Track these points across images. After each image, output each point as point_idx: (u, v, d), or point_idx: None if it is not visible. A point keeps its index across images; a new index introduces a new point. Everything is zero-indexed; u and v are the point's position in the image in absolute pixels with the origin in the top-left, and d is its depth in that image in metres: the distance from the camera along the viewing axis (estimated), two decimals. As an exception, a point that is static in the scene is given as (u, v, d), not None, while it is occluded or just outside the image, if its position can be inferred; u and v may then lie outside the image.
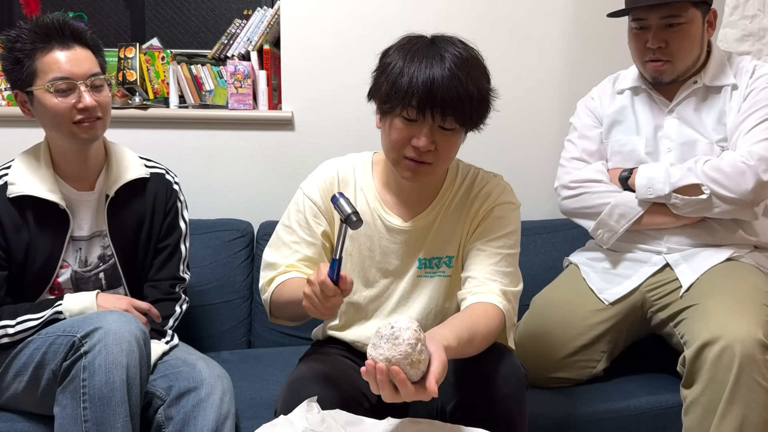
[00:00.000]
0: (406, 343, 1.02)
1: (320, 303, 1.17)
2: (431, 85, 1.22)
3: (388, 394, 1.04)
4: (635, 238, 1.81)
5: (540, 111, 2.39)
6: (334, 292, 1.15)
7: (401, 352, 1.02)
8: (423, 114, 1.24)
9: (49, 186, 1.54)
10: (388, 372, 1.03)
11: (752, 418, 1.46)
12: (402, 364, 1.03)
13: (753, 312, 1.53)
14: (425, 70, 1.23)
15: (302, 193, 1.46)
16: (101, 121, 1.53)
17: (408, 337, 1.03)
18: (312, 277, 1.17)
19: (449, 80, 1.22)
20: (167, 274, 1.69)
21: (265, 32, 2.27)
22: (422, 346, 1.04)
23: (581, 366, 1.77)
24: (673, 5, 1.66)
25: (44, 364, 1.41)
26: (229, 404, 1.46)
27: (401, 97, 1.24)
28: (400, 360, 1.02)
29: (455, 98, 1.23)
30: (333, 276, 1.15)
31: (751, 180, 1.63)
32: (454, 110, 1.24)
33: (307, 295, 1.18)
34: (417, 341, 1.03)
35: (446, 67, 1.23)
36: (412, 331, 1.03)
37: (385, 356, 1.03)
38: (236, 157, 2.28)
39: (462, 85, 1.23)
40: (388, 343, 1.03)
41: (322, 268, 1.16)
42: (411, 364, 1.03)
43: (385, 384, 1.04)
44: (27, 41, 1.47)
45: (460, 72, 1.23)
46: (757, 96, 1.70)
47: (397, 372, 1.02)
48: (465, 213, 1.43)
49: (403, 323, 1.05)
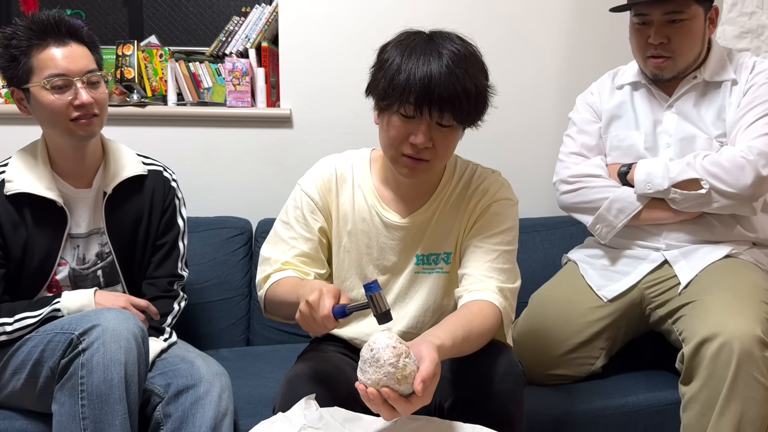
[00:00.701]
0: (388, 364, 1.03)
1: (315, 325, 1.18)
2: (429, 82, 1.22)
3: (386, 414, 1.06)
4: (634, 234, 1.81)
5: (538, 107, 2.39)
6: (333, 326, 1.17)
7: (385, 373, 1.03)
8: (420, 111, 1.24)
9: (46, 183, 1.54)
10: (380, 395, 1.04)
11: (750, 414, 1.46)
12: (390, 384, 1.04)
13: (751, 309, 1.53)
14: (423, 67, 1.22)
15: (300, 189, 1.46)
16: (98, 117, 1.53)
17: (388, 357, 1.03)
18: (312, 299, 1.16)
19: (447, 77, 1.22)
20: (165, 272, 1.69)
21: (264, 29, 2.27)
22: (405, 359, 1.05)
23: (580, 363, 1.77)
24: (676, 2, 1.65)
25: (42, 361, 1.41)
26: (227, 401, 1.46)
27: (399, 94, 1.24)
28: (387, 381, 1.04)
29: (452, 95, 1.23)
30: (338, 315, 1.15)
31: (751, 175, 1.63)
32: (452, 107, 1.24)
33: (303, 314, 1.18)
34: (398, 357, 1.04)
35: (444, 64, 1.23)
36: (391, 349, 1.04)
37: (372, 380, 1.05)
38: (234, 155, 2.27)
39: (459, 82, 1.23)
40: (372, 367, 1.05)
41: (326, 299, 1.15)
42: (398, 381, 1.04)
43: (381, 406, 1.05)
44: (23, 38, 1.47)
45: (457, 69, 1.23)
46: (756, 91, 1.70)
47: (388, 393, 1.04)
48: (463, 209, 1.43)
49: (381, 343, 1.05)
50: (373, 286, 1.17)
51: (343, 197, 1.45)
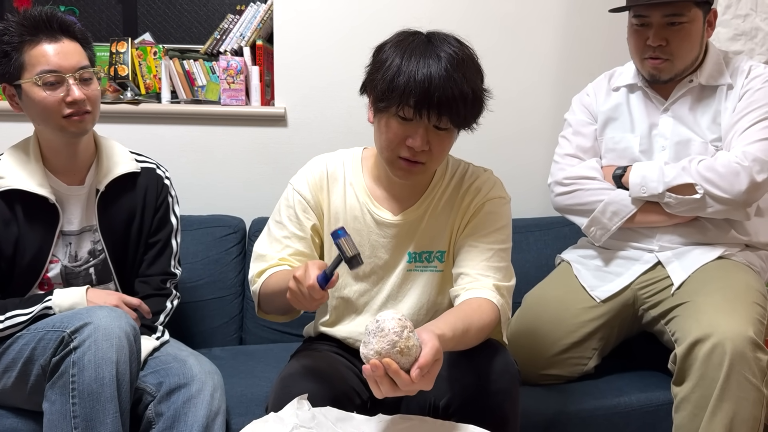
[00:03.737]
0: (392, 332, 1.04)
1: (304, 300, 1.18)
2: (428, 86, 1.22)
3: (387, 387, 1.05)
4: (627, 236, 1.81)
5: (533, 108, 2.39)
6: (321, 296, 1.17)
7: (388, 341, 1.04)
8: (420, 114, 1.24)
9: (38, 180, 1.53)
10: (382, 366, 1.03)
11: (742, 415, 1.47)
12: (392, 354, 1.04)
13: (744, 310, 1.54)
14: (422, 70, 1.22)
15: (292, 188, 1.46)
16: (90, 114, 1.52)
17: (393, 326, 1.04)
18: (298, 274, 1.17)
19: (446, 81, 1.22)
20: (158, 270, 1.68)
21: (258, 28, 2.26)
22: (409, 332, 1.05)
23: (572, 363, 1.77)
24: (676, 4, 1.65)
25: (33, 359, 1.40)
26: (219, 400, 1.45)
27: (398, 97, 1.24)
28: (389, 350, 1.04)
29: (451, 99, 1.23)
30: (322, 283, 1.16)
31: (745, 181, 1.63)
32: (450, 111, 1.24)
33: (292, 290, 1.19)
34: (402, 328, 1.05)
35: (442, 68, 1.22)
36: (396, 321, 1.05)
37: (375, 350, 1.05)
38: (228, 153, 2.27)
39: (458, 86, 1.23)
40: (376, 337, 1.05)
41: (311, 270, 1.16)
42: (400, 352, 1.04)
43: (383, 378, 1.04)
44: (15, 34, 1.46)
45: (456, 73, 1.23)
46: (752, 97, 1.70)
47: (389, 363, 1.03)
48: (456, 208, 1.43)
49: (387, 315, 1.07)
50: (340, 232, 1.18)
51: (335, 195, 1.45)
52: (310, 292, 1.15)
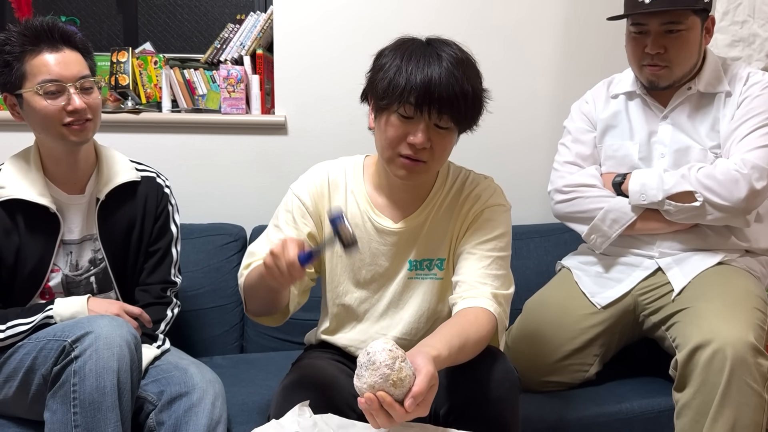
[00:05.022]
0: (384, 365, 1.04)
1: (280, 276, 1.17)
2: (429, 82, 1.23)
3: (383, 420, 1.06)
4: (628, 243, 1.81)
5: (533, 116, 2.39)
6: (299, 273, 1.17)
7: (381, 375, 1.04)
8: (420, 111, 1.25)
9: (39, 189, 1.54)
10: (377, 400, 1.04)
11: (743, 421, 1.47)
12: (385, 387, 1.04)
13: (744, 315, 1.54)
14: (423, 68, 1.24)
15: (292, 193, 1.46)
16: (91, 123, 1.53)
17: (384, 359, 1.04)
18: (276, 249, 1.16)
19: (447, 78, 1.24)
20: (158, 278, 1.68)
21: (258, 37, 2.27)
22: (401, 363, 1.05)
23: (574, 370, 1.77)
24: (674, 12, 1.66)
25: (35, 368, 1.40)
26: (221, 409, 1.45)
27: (399, 94, 1.25)
28: (383, 384, 1.04)
29: (452, 96, 1.24)
30: (303, 260, 1.15)
31: (744, 188, 1.63)
32: (450, 108, 1.25)
33: (268, 265, 1.18)
34: (393, 360, 1.05)
35: (443, 66, 1.24)
36: (387, 352, 1.05)
37: (368, 383, 1.05)
38: (229, 162, 2.27)
39: (458, 84, 1.25)
40: (368, 371, 1.05)
41: (290, 245, 1.15)
42: (393, 384, 1.04)
43: (379, 411, 1.05)
44: (16, 44, 1.47)
45: (456, 71, 1.25)
46: (750, 104, 1.71)
47: (383, 397, 1.04)
48: (456, 215, 1.43)
49: (377, 347, 1.07)
50: (338, 216, 1.17)
51: (336, 203, 1.45)
52: (288, 267, 1.15)
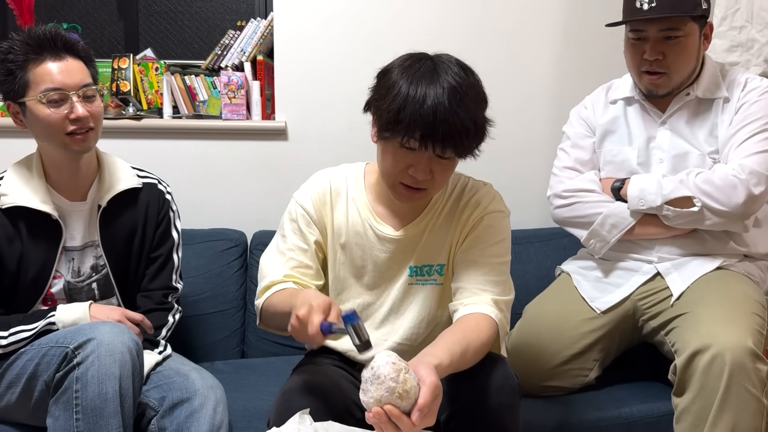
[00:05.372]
0: (389, 379, 1.05)
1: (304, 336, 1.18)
2: (434, 120, 1.22)
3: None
4: (627, 248, 1.82)
5: (532, 121, 2.40)
6: (320, 342, 1.20)
7: (386, 388, 1.05)
8: (425, 146, 1.25)
9: (41, 197, 1.54)
10: (385, 413, 1.05)
11: (742, 426, 1.47)
12: (392, 400, 1.05)
13: (743, 320, 1.54)
14: (429, 102, 1.22)
15: (295, 202, 1.47)
16: (93, 131, 1.53)
17: (388, 372, 1.05)
18: (301, 314, 1.16)
19: (452, 115, 1.22)
20: (160, 284, 1.69)
21: (259, 43, 2.28)
22: (405, 375, 1.06)
23: (573, 374, 1.78)
24: (672, 19, 1.66)
25: (37, 375, 1.41)
26: (222, 415, 1.46)
27: (403, 129, 1.24)
28: (389, 397, 1.05)
29: (455, 133, 1.24)
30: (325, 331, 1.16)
31: (743, 194, 1.64)
32: (454, 143, 1.25)
33: (294, 327, 1.19)
34: (397, 372, 1.06)
35: (448, 98, 1.22)
36: (390, 365, 1.06)
37: (375, 398, 1.06)
38: (230, 167, 2.28)
39: (462, 120, 1.24)
40: (373, 385, 1.06)
41: (314, 316, 1.14)
42: (399, 396, 1.05)
43: (388, 424, 1.06)
44: (19, 52, 1.47)
45: (460, 105, 1.23)
46: (748, 109, 1.71)
47: (390, 410, 1.05)
48: (455, 221, 1.44)
49: (381, 360, 1.08)
50: (352, 316, 1.16)
51: (338, 211, 1.46)
52: (313, 338, 1.15)
